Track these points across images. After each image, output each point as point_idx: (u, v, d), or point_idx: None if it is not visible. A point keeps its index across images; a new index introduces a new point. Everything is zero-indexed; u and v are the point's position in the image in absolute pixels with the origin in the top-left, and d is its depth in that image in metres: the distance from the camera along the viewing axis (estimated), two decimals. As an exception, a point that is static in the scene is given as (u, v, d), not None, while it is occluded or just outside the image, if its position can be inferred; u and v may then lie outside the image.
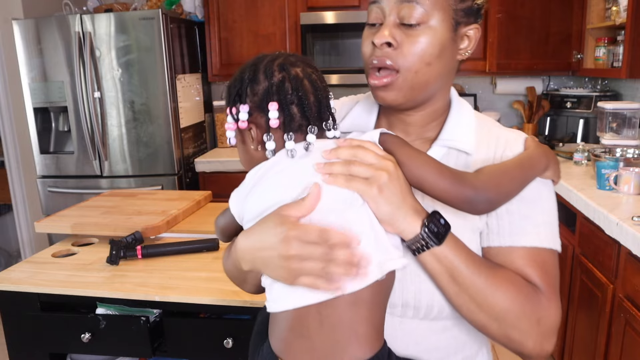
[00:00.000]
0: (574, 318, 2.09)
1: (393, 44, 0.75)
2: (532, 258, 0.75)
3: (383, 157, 0.70)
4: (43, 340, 1.53)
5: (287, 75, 0.75)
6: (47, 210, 3.04)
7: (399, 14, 0.75)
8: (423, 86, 0.78)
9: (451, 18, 0.76)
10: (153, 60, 2.79)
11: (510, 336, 0.73)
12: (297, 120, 0.75)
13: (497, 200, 0.73)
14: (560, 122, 3.07)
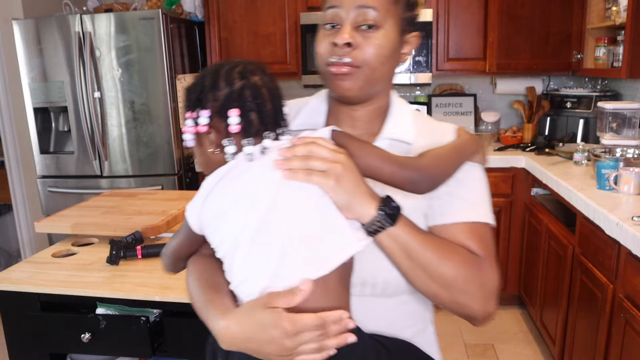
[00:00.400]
0: (574, 318, 2.09)
1: (353, 44, 0.83)
2: (471, 232, 0.85)
3: (336, 151, 0.77)
4: (43, 340, 1.53)
5: (247, 83, 0.81)
6: (47, 210, 3.04)
7: (356, 18, 0.84)
8: (375, 82, 0.88)
9: (399, 25, 0.87)
10: (153, 60, 2.79)
11: (459, 301, 0.81)
12: (256, 125, 0.80)
13: (437, 180, 0.83)
14: (560, 122, 3.07)
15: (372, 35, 0.84)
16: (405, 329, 0.91)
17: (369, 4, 0.83)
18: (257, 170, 0.78)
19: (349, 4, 0.84)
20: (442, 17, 3.02)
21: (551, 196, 2.49)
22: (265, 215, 0.75)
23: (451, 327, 2.87)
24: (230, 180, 0.79)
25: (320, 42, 0.88)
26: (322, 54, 0.87)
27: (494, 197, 3.00)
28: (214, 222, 0.79)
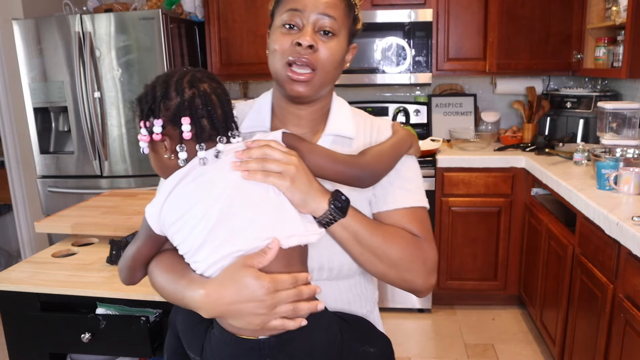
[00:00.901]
0: (574, 318, 2.09)
1: (314, 47, 0.91)
2: (411, 216, 0.97)
3: (288, 153, 0.85)
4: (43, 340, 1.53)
5: (197, 91, 0.86)
6: (47, 210, 3.04)
7: (316, 23, 0.92)
8: (326, 85, 0.97)
9: (348, 35, 0.97)
10: (153, 60, 2.79)
11: (405, 278, 0.94)
12: (207, 131, 0.86)
13: (378, 175, 0.94)
14: (560, 122, 3.07)
15: (328, 42, 0.93)
16: (359, 309, 1.03)
17: (330, 13, 0.92)
18: (215, 172, 0.85)
19: (312, 9, 0.91)
20: (442, 17, 3.02)
21: (551, 196, 2.49)
22: (225, 211, 0.82)
23: (451, 327, 2.87)
24: (189, 182, 0.84)
25: (277, 40, 0.94)
26: (281, 52, 0.92)
27: (494, 197, 3.00)
28: (176, 222, 0.85)
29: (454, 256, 2.96)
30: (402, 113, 3.23)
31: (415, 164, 1.04)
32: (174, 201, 0.85)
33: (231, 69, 3.20)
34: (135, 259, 0.94)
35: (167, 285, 0.90)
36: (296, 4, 0.92)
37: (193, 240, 0.84)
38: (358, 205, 0.95)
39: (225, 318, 0.83)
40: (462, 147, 3.02)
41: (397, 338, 2.78)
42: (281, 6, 0.95)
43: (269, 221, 0.83)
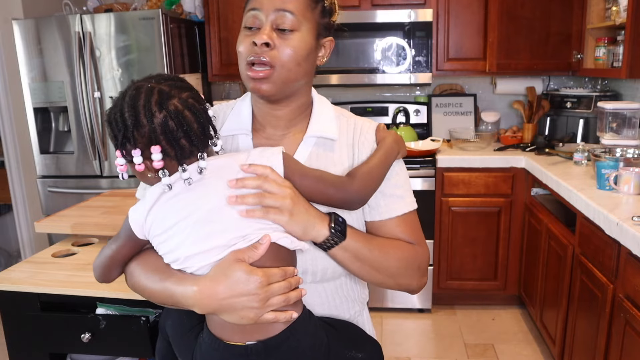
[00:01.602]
0: (574, 318, 2.09)
1: (271, 45, 0.89)
2: (404, 223, 0.99)
3: (283, 185, 0.85)
4: (43, 340, 1.53)
5: (167, 113, 0.82)
6: (47, 210, 3.04)
7: (275, 21, 0.90)
8: (292, 82, 0.94)
9: (315, 29, 0.94)
10: (153, 60, 2.79)
11: (401, 283, 0.98)
12: (187, 149, 0.84)
13: (367, 197, 0.95)
14: (560, 122, 3.07)
15: (288, 37, 0.90)
16: (346, 311, 1.04)
17: (286, 8, 0.90)
18: (202, 187, 0.84)
19: (268, 7, 0.90)
20: (442, 17, 3.02)
21: (551, 196, 2.49)
22: (216, 229, 0.83)
23: (451, 327, 2.87)
24: (174, 194, 0.84)
25: (240, 42, 0.93)
26: (242, 53, 0.92)
27: (494, 197, 3.00)
28: (162, 234, 0.85)
29: (454, 256, 2.96)
30: (402, 113, 3.23)
31: (402, 166, 1.03)
32: (159, 212, 0.85)
33: (231, 69, 3.20)
34: (113, 258, 0.94)
35: (152, 285, 0.89)
36: (254, 3, 0.92)
37: (181, 253, 0.84)
38: (352, 216, 0.97)
39: (219, 314, 0.83)
40: (462, 147, 3.02)
41: (397, 338, 2.78)
42: (246, 8, 0.95)
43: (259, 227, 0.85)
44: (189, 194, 0.84)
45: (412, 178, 2.83)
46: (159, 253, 0.89)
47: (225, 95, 3.59)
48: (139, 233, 0.88)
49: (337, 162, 0.99)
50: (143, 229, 0.87)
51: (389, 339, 2.76)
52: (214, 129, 0.89)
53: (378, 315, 2.95)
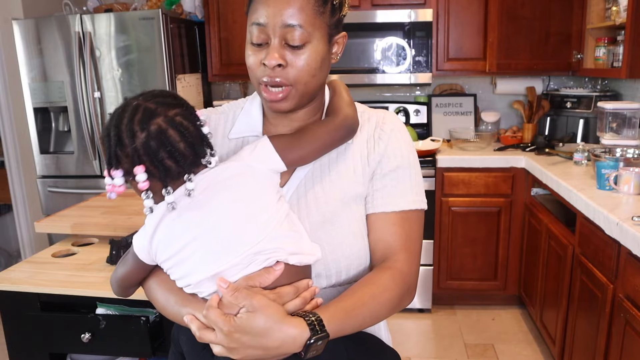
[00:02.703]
0: (574, 318, 2.09)
1: (283, 64, 0.84)
2: (400, 222, 0.92)
3: (252, 314, 0.75)
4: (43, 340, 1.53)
5: (148, 133, 0.78)
6: (47, 210, 3.04)
7: (283, 37, 0.84)
8: (310, 94, 0.91)
9: (327, 34, 0.88)
10: (153, 60, 2.79)
11: (396, 311, 0.90)
12: (174, 170, 0.80)
13: (356, 120, 0.92)
14: (560, 122, 3.06)
15: (301, 52, 0.85)
16: None
17: (296, 22, 0.83)
18: (203, 203, 0.81)
19: (275, 23, 0.83)
20: (442, 17, 3.02)
21: (551, 196, 2.49)
22: (226, 245, 0.79)
23: (451, 327, 2.87)
24: (177, 215, 0.81)
25: (249, 57, 0.88)
26: (253, 71, 0.88)
27: (494, 197, 3.00)
28: (170, 259, 0.83)
29: (454, 256, 2.96)
30: (402, 113, 3.23)
31: (413, 159, 0.97)
32: (164, 236, 0.82)
33: (231, 69, 3.20)
34: (126, 279, 0.93)
35: (168, 307, 0.89)
36: (259, 17, 0.85)
37: (193, 278, 0.82)
38: (357, 204, 0.93)
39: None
40: (462, 147, 3.02)
41: (397, 338, 2.78)
42: (249, 16, 0.88)
43: (271, 239, 0.81)
44: (192, 213, 0.80)
45: (412, 178, 2.83)
46: (171, 278, 0.86)
47: (226, 95, 3.59)
48: (146, 259, 0.87)
49: (349, 157, 0.95)
50: (149, 254, 0.85)
51: (389, 339, 2.76)
52: (208, 145, 0.84)
53: (378, 315, 2.95)
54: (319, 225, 0.90)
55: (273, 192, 0.85)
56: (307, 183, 0.93)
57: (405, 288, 0.90)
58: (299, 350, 0.76)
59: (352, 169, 0.94)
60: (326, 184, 0.92)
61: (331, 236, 0.90)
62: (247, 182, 0.84)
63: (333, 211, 0.91)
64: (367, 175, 0.94)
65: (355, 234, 0.92)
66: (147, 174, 0.79)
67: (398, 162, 0.94)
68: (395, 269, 0.89)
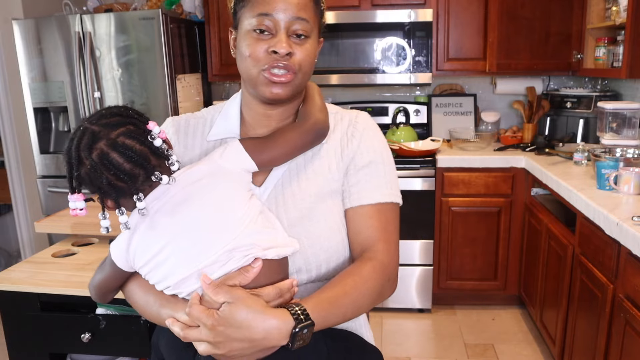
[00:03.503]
0: (574, 318, 2.09)
1: (292, 53, 0.90)
2: (377, 215, 0.95)
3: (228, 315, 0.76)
4: (43, 340, 1.53)
5: (90, 160, 0.80)
6: (47, 210, 3.04)
7: (291, 28, 0.90)
8: (303, 86, 0.97)
9: (318, 32, 0.96)
10: (153, 60, 2.79)
11: (379, 301, 0.92)
12: (127, 190, 0.81)
13: (327, 124, 0.96)
14: (560, 122, 3.06)
15: (304, 43, 0.91)
16: None
17: (302, 16, 0.90)
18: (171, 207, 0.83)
19: (285, 13, 0.89)
20: (442, 17, 3.02)
21: (551, 196, 2.49)
22: (201, 245, 0.81)
23: (451, 327, 2.87)
24: (153, 220, 0.83)
25: (251, 46, 0.90)
26: (255, 59, 0.90)
27: (494, 197, 2.99)
28: (147, 265, 0.84)
29: (454, 256, 2.96)
30: (402, 113, 3.23)
31: (387, 155, 1.01)
32: (141, 242, 0.84)
33: (231, 69, 3.20)
34: (105, 286, 0.95)
35: (149, 309, 0.90)
36: (266, 8, 0.88)
37: (172, 280, 0.84)
38: (333, 199, 0.96)
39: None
40: (462, 147, 3.02)
41: (397, 338, 2.78)
42: (248, 8, 0.91)
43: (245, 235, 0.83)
44: (166, 217, 0.83)
45: (412, 178, 2.83)
46: (149, 283, 0.87)
47: (225, 95, 3.59)
48: (124, 266, 0.88)
49: (324, 156, 0.99)
50: (127, 261, 0.87)
51: (389, 339, 2.76)
52: (163, 156, 0.85)
53: (378, 315, 2.95)
54: (297, 221, 0.93)
55: (244, 190, 0.88)
56: (284, 182, 0.96)
57: (386, 278, 0.92)
58: (285, 341, 0.77)
59: (327, 166, 0.98)
60: (302, 181, 0.96)
61: (309, 231, 0.93)
62: (218, 182, 0.86)
63: (310, 207, 0.94)
64: (341, 170, 0.98)
65: (332, 228, 0.95)
66: (99, 197, 0.83)
67: (371, 158, 0.98)
68: (375, 260, 0.92)
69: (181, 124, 1.06)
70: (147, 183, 0.83)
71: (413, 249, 2.92)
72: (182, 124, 1.06)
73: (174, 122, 1.06)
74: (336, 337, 0.96)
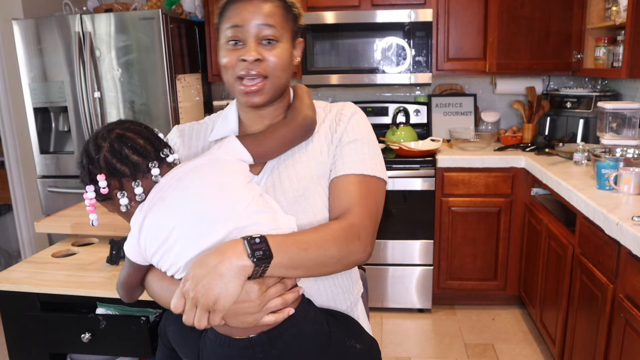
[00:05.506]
0: (574, 318, 2.09)
1: (260, 58, 0.96)
2: (357, 183, 1.00)
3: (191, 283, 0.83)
4: (43, 340, 1.53)
5: (110, 139, 0.93)
6: (47, 210, 3.04)
7: (258, 35, 0.97)
8: (282, 87, 1.03)
9: (291, 36, 1.02)
10: (153, 60, 2.79)
11: (349, 262, 0.95)
12: (142, 164, 0.93)
13: (314, 118, 1.04)
14: (560, 122, 3.07)
15: (273, 48, 0.98)
16: (343, 302, 1.07)
17: (269, 22, 0.97)
18: (174, 194, 0.90)
19: (252, 23, 0.96)
20: (442, 17, 3.02)
21: (551, 196, 2.49)
22: (203, 227, 0.87)
23: (451, 327, 2.87)
24: (155, 212, 0.90)
25: (226, 57, 0.99)
26: (230, 68, 0.98)
27: (494, 197, 2.99)
28: (157, 251, 0.90)
29: (454, 256, 2.96)
30: (402, 113, 3.23)
31: (369, 134, 1.07)
32: (148, 233, 0.90)
33: (231, 69, 3.20)
34: (128, 282, 1.01)
35: (162, 292, 0.96)
36: (236, 20, 0.97)
37: (182, 261, 0.88)
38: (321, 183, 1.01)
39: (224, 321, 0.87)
40: (462, 147, 3.02)
41: (397, 338, 2.78)
42: (224, 22, 0.99)
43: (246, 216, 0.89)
44: (168, 205, 0.89)
45: (412, 178, 2.84)
46: (162, 270, 0.93)
47: (225, 95, 3.59)
48: (138, 260, 0.95)
49: (316, 142, 1.05)
50: (140, 254, 0.93)
51: (389, 339, 2.76)
52: (166, 145, 0.98)
53: (378, 315, 2.95)
54: (294, 200, 1.00)
55: (242, 176, 0.95)
56: (280, 168, 1.04)
57: (354, 235, 0.94)
58: (245, 255, 0.82)
59: (319, 150, 1.05)
60: (297, 166, 1.03)
61: (305, 208, 1.00)
62: (217, 168, 0.94)
63: (305, 187, 1.01)
64: (331, 153, 1.05)
65: (326, 205, 1.02)
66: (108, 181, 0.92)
67: (356, 136, 1.04)
68: (344, 220, 0.96)
69: (185, 129, 1.16)
70: (157, 159, 0.94)
71: (413, 249, 2.92)
72: (186, 129, 1.16)
73: (179, 128, 1.17)
74: (337, 316, 1.03)
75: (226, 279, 0.81)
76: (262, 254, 0.83)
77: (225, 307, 0.83)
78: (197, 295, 0.82)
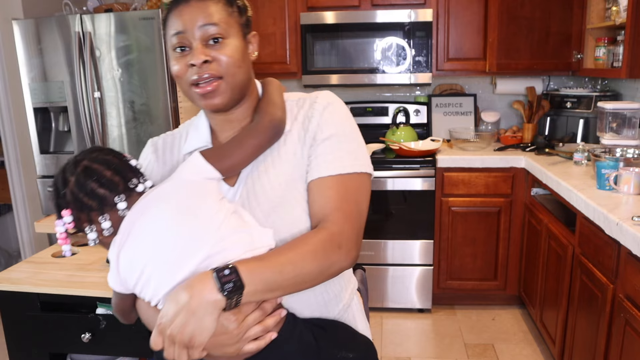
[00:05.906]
0: (574, 318, 2.09)
1: (209, 60, 0.92)
2: (336, 186, 0.94)
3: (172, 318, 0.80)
4: (43, 340, 1.53)
5: (75, 174, 0.90)
6: (47, 210, 3.04)
7: (203, 36, 0.92)
8: (240, 87, 0.97)
9: (240, 31, 0.97)
10: (153, 60, 2.79)
11: (332, 273, 0.91)
12: (108, 197, 0.90)
13: (283, 119, 0.98)
14: (560, 122, 3.07)
15: (221, 46, 0.93)
16: (334, 308, 1.02)
17: (211, 21, 0.92)
18: (144, 224, 0.88)
19: (193, 26, 0.92)
20: (442, 17, 3.02)
21: (551, 196, 2.49)
22: (177, 256, 0.84)
23: (451, 327, 2.87)
24: (130, 244, 0.88)
25: (175, 65, 0.95)
26: (182, 77, 0.94)
27: (494, 197, 2.99)
28: (139, 280, 0.88)
29: (454, 256, 2.96)
30: (402, 113, 3.23)
31: (350, 123, 1.01)
32: (124, 268, 0.89)
33: (231, 69, 3.20)
34: (120, 308, 1.00)
35: (151, 319, 0.93)
36: (178, 26, 0.93)
37: (159, 294, 0.87)
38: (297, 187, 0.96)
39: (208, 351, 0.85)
40: (462, 147, 3.02)
41: (397, 338, 2.78)
42: (168, 30, 0.96)
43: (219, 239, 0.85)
44: (138, 237, 0.87)
45: (412, 178, 2.84)
46: (145, 300, 0.91)
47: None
48: (123, 290, 0.93)
49: (289, 143, 1.00)
50: (122, 284, 0.92)
51: (388, 339, 2.76)
52: (138, 174, 0.95)
53: (378, 315, 2.95)
54: (271, 210, 0.95)
55: (211, 196, 0.90)
56: (253, 176, 0.98)
57: (335, 245, 0.90)
58: (217, 291, 0.79)
59: (292, 152, 0.99)
60: (270, 173, 0.97)
61: (284, 219, 0.95)
62: (183, 192, 0.91)
63: (281, 195, 0.96)
64: (305, 154, 0.98)
65: (306, 211, 0.96)
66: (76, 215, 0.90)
67: (331, 132, 0.97)
68: (324, 229, 0.91)
69: (159, 143, 1.12)
70: (126, 192, 0.91)
71: (413, 249, 2.92)
72: (159, 143, 1.12)
73: (152, 143, 1.12)
74: (326, 327, 0.98)
75: (199, 315, 0.79)
76: (233, 285, 0.79)
77: (203, 343, 0.80)
78: (173, 333, 0.79)
